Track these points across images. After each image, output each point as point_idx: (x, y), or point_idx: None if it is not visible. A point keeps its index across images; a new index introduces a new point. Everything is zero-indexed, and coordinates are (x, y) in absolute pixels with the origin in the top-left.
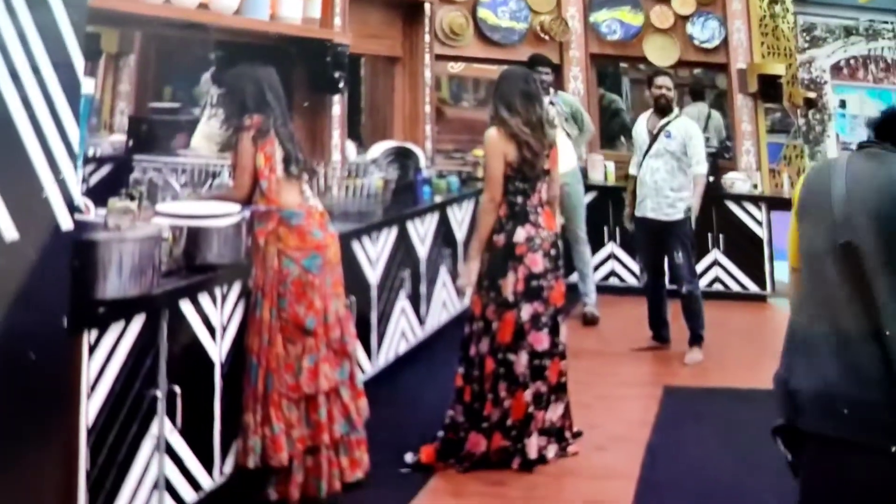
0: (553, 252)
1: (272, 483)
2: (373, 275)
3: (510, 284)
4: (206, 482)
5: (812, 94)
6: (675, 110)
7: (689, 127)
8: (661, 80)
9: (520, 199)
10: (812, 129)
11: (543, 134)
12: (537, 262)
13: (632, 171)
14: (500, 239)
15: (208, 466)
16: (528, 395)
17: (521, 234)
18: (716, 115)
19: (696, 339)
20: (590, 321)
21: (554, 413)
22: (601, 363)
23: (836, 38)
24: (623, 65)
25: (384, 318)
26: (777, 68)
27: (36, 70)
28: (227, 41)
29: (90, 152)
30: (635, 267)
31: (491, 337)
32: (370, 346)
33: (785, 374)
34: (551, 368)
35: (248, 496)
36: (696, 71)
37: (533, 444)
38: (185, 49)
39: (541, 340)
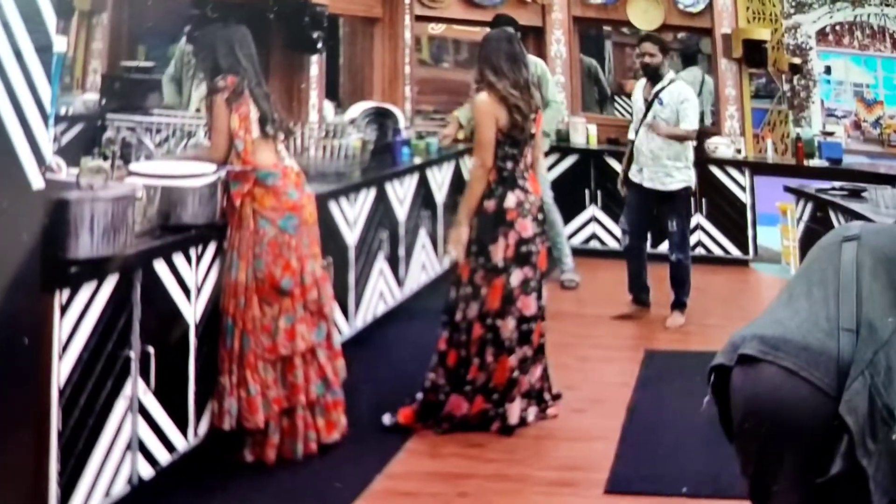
0: (540, 216)
1: (248, 444)
2: (350, 236)
3: (500, 250)
4: (181, 443)
5: (797, 60)
6: (670, 75)
7: (682, 90)
8: (643, 46)
9: (509, 165)
10: (797, 94)
11: (530, 96)
12: (527, 227)
13: (630, 135)
14: (490, 204)
15: (182, 428)
16: (513, 359)
17: (511, 199)
18: (709, 80)
19: (679, 305)
20: (566, 287)
21: (532, 375)
22: (581, 325)
23: (821, 4)
24: (606, 28)
25: (362, 280)
26: (762, 33)
27: (6, 27)
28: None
29: (62, 111)
30: (616, 230)
31: (480, 303)
32: (348, 307)
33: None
34: (535, 332)
35: (224, 457)
36: (680, 35)
37: (515, 409)
38: (160, 7)
39: (529, 305)
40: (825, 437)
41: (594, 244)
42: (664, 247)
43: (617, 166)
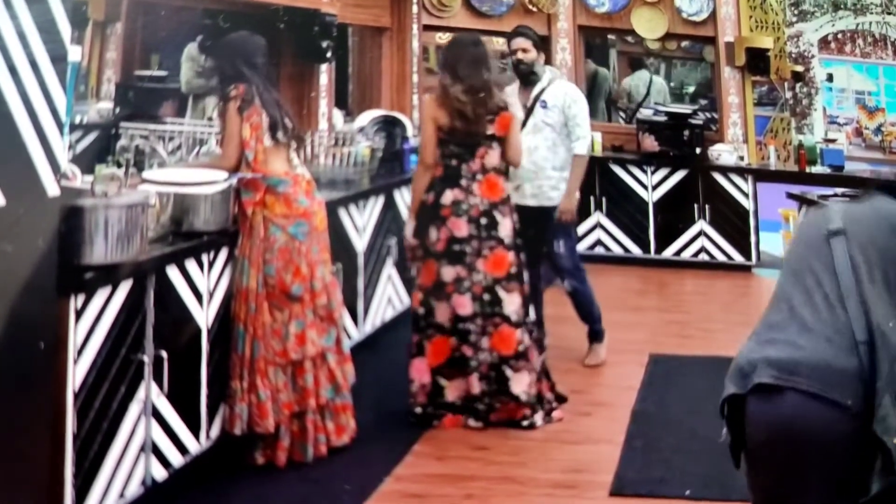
0: (484, 220)
1: (259, 447)
2: (360, 242)
3: (432, 242)
4: (193, 446)
5: (799, 68)
6: (548, 74)
7: (569, 91)
8: (515, 42)
9: (454, 163)
10: (799, 102)
11: (488, 98)
12: (460, 227)
13: None
14: (429, 198)
15: (195, 430)
16: (451, 342)
17: (448, 196)
18: (657, 80)
19: (593, 336)
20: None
21: (519, 385)
22: (585, 331)
23: (823, 12)
24: (611, 37)
25: (371, 285)
26: (765, 41)
27: (22, 37)
28: (215, 9)
29: (77, 120)
30: (622, 236)
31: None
32: (357, 312)
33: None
34: (496, 338)
35: (235, 460)
36: (685, 43)
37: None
38: (173, 17)
39: (463, 305)
40: (857, 458)
41: (599, 250)
42: (669, 252)
43: (622, 173)
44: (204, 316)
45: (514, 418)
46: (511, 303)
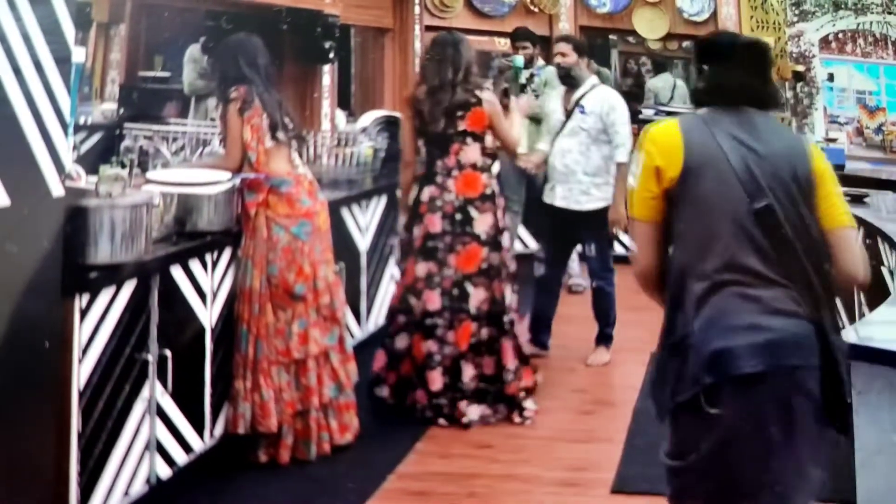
0: (458, 216)
1: (262, 445)
2: (363, 242)
3: (414, 239)
4: (197, 444)
5: (800, 68)
6: (591, 80)
7: (608, 97)
8: (556, 47)
9: (428, 161)
10: (800, 101)
11: (450, 97)
12: (434, 223)
13: (542, 146)
14: (412, 196)
15: (199, 429)
16: (424, 346)
17: (425, 193)
18: (680, 82)
19: (603, 338)
20: (574, 292)
21: (467, 376)
22: (587, 329)
23: (824, 11)
24: (612, 37)
25: (373, 285)
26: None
27: (27, 39)
28: (218, 11)
29: (81, 120)
30: (623, 237)
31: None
32: (360, 311)
33: (704, 335)
34: (459, 332)
35: (239, 458)
36: (685, 43)
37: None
38: (176, 19)
39: (433, 300)
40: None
41: None
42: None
43: None
44: (208, 315)
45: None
46: (475, 298)
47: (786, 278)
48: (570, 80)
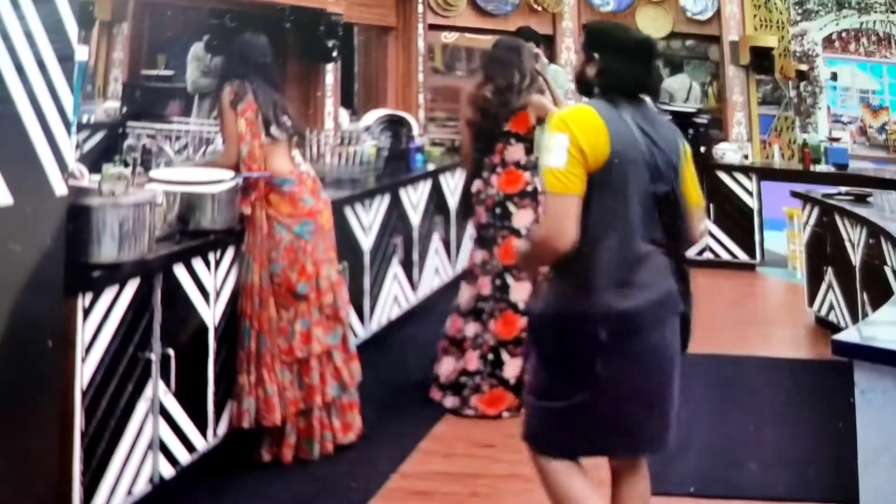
0: (498, 210)
1: (265, 444)
2: (366, 241)
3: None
4: (200, 444)
5: (804, 67)
6: None
7: None
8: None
9: (478, 157)
10: (803, 101)
11: (507, 99)
12: (481, 215)
13: None
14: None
15: (202, 428)
16: (471, 327)
17: (475, 186)
18: (695, 86)
19: None
20: None
21: (510, 370)
22: None
23: (828, 10)
24: None
25: (377, 284)
26: (769, 40)
27: (30, 37)
28: (221, 9)
29: (84, 119)
30: None
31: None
32: (363, 310)
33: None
34: (500, 322)
35: (242, 457)
36: (688, 42)
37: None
38: (179, 17)
39: (486, 285)
40: None
41: None
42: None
43: None
44: (211, 314)
45: (497, 406)
46: (519, 290)
47: (670, 247)
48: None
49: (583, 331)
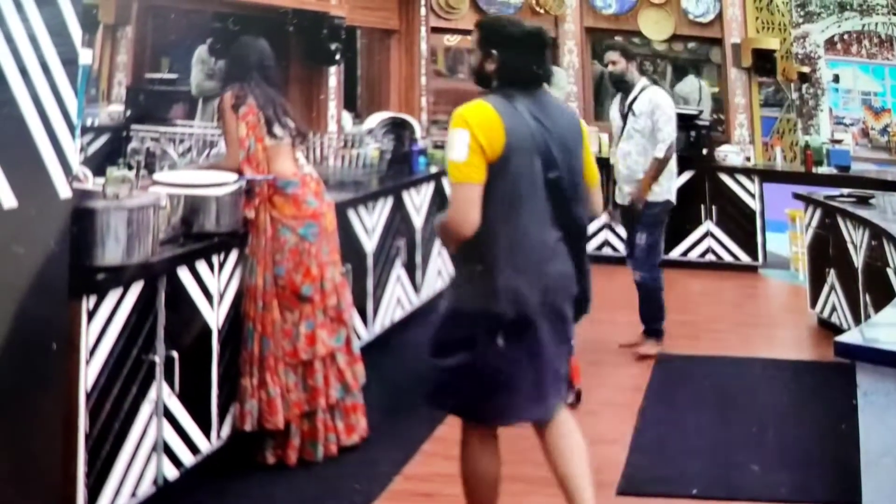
0: None
1: (269, 446)
2: (369, 243)
3: None
4: (204, 446)
5: (806, 69)
6: (641, 83)
7: (653, 98)
8: (607, 56)
9: None
10: (805, 103)
11: None
12: None
13: (612, 158)
14: None
15: (206, 430)
16: None
17: None
18: (706, 87)
19: (649, 333)
20: None
21: None
22: (593, 330)
23: (830, 13)
24: (618, 39)
25: (380, 286)
26: (771, 43)
27: (34, 41)
28: (225, 13)
29: (88, 122)
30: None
31: None
32: (366, 313)
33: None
34: None
35: (246, 459)
36: (690, 45)
37: None
38: (182, 21)
39: None
40: None
41: (607, 251)
42: (676, 252)
43: None
44: (214, 317)
45: None
46: None
47: (563, 229)
48: (622, 86)
49: (483, 306)
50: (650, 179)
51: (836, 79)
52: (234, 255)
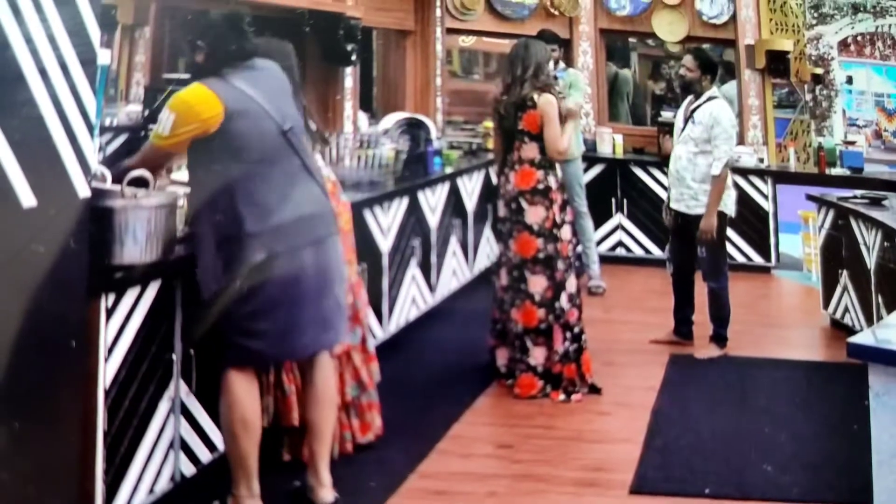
0: (513, 206)
1: (285, 444)
2: (384, 243)
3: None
4: (221, 443)
5: (819, 70)
6: (710, 92)
7: (714, 111)
8: (684, 59)
9: (503, 153)
10: (819, 104)
11: (518, 91)
12: (500, 210)
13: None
14: None
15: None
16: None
17: (500, 181)
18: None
19: (714, 337)
20: (594, 293)
21: (535, 357)
22: (607, 331)
23: (843, 14)
24: (632, 40)
25: (395, 286)
26: (785, 44)
27: (53, 41)
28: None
29: (107, 122)
30: (642, 237)
31: None
32: (382, 312)
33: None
34: (521, 311)
35: (262, 457)
36: (706, 46)
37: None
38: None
39: (501, 277)
40: None
41: (620, 251)
42: None
43: (643, 175)
44: None
45: (527, 391)
46: (535, 284)
47: (308, 172)
48: (690, 90)
49: (240, 251)
50: (714, 203)
51: (850, 80)
52: None
